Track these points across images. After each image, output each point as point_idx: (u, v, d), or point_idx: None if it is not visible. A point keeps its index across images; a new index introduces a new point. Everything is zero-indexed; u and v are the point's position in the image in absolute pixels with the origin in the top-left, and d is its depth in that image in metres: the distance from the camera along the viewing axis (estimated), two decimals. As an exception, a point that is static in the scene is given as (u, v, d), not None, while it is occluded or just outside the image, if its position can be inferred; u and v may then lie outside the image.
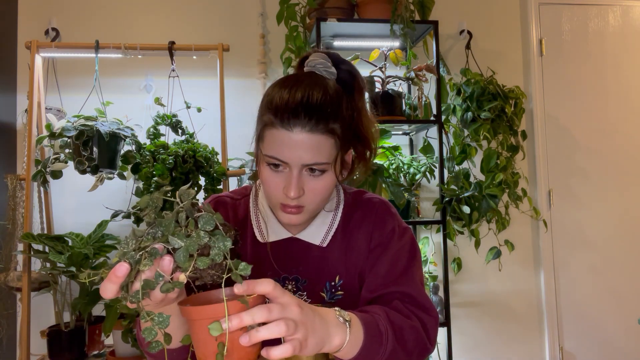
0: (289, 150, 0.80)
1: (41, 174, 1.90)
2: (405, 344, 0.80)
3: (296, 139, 0.79)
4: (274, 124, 0.80)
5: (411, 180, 2.41)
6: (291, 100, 0.79)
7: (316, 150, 0.80)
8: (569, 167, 2.78)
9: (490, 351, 2.66)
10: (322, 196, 0.86)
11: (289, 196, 0.82)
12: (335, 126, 0.81)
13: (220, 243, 0.60)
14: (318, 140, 0.80)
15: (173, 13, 2.55)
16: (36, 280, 1.94)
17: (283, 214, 0.86)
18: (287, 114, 0.79)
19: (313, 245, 0.95)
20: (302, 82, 0.83)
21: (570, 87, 2.81)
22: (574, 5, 2.85)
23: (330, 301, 0.95)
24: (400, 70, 2.49)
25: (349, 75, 0.89)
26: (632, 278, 2.79)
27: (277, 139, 0.80)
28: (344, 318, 0.71)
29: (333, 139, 0.82)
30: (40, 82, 2.05)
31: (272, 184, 0.84)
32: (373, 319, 0.76)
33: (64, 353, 1.89)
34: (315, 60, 0.88)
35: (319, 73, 0.87)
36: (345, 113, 0.84)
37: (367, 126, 0.91)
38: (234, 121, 2.35)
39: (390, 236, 0.94)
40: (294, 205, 0.84)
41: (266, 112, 0.83)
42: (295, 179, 0.81)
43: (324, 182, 0.84)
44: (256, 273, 0.96)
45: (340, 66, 0.89)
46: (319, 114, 0.79)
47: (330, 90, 0.83)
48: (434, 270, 2.47)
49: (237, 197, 1.01)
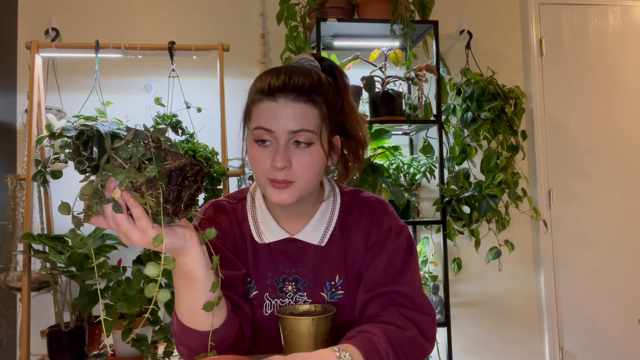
0: (274, 119, 0.84)
1: (41, 174, 1.90)
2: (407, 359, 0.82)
3: (281, 107, 0.84)
4: (260, 99, 0.86)
5: (411, 180, 2.41)
6: (275, 80, 0.85)
7: (301, 117, 0.84)
8: (569, 167, 2.78)
9: (490, 351, 2.66)
10: (311, 172, 0.86)
11: (276, 167, 0.83)
12: (319, 99, 0.86)
13: (154, 162, 0.63)
14: (302, 109, 0.84)
15: (173, 13, 2.55)
16: (36, 280, 1.94)
17: (273, 190, 0.86)
18: (272, 88, 0.84)
19: (312, 245, 0.95)
20: (283, 68, 0.89)
21: (570, 87, 2.81)
22: (574, 5, 2.85)
23: (331, 301, 0.95)
24: (400, 70, 2.49)
25: (330, 68, 0.94)
26: (632, 278, 2.78)
27: (263, 110, 0.85)
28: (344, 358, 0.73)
29: (317, 108, 0.86)
30: (40, 82, 2.05)
31: (260, 159, 0.86)
32: (373, 345, 0.78)
33: (64, 353, 1.88)
34: (299, 56, 0.95)
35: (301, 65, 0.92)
36: (328, 92, 0.89)
37: (355, 120, 0.95)
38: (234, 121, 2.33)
39: (387, 234, 0.95)
40: (282, 180, 0.84)
41: (252, 94, 0.89)
42: (282, 148, 0.84)
43: (311, 156, 0.86)
44: (256, 274, 0.96)
45: (322, 62, 0.94)
46: (302, 86, 0.85)
47: (312, 72, 0.89)
48: (434, 270, 2.47)
49: (234, 201, 1.01)
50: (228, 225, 0.97)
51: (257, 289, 0.96)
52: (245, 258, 0.96)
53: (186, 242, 0.70)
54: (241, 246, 0.96)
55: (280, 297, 0.95)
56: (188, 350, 0.83)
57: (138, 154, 0.63)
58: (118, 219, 0.65)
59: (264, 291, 0.95)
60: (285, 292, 0.96)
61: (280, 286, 0.96)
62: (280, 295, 0.95)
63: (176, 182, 0.65)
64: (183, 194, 0.66)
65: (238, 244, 0.96)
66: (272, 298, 0.95)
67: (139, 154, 0.63)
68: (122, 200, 0.64)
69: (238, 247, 0.96)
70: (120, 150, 0.63)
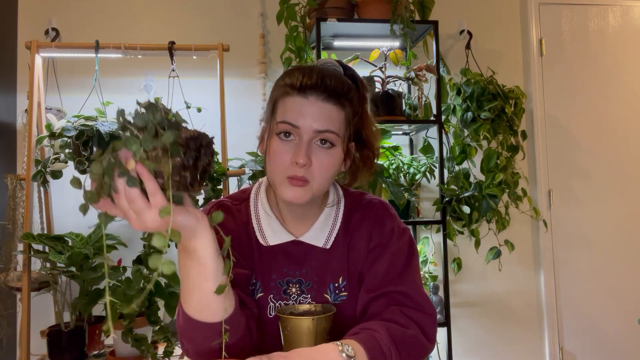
0: (302, 115, 0.84)
1: (41, 174, 1.90)
2: (408, 357, 0.82)
3: (310, 105, 0.84)
4: (290, 93, 0.86)
5: (411, 180, 2.41)
6: (307, 77, 0.85)
7: (328, 119, 0.85)
8: (569, 167, 2.78)
9: (490, 351, 2.66)
10: (328, 174, 0.87)
11: (298, 162, 0.83)
12: (346, 104, 0.87)
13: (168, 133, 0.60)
14: (330, 110, 0.85)
15: (173, 13, 2.55)
16: (36, 280, 1.94)
17: (288, 188, 0.86)
18: (304, 85, 0.85)
19: (316, 247, 0.96)
20: (315, 67, 0.89)
21: (570, 87, 2.81)
22: (574, 5, 2.85)
23: (335, 302, 0.95)
24: (400, 70, 2.49)
25: (352, 78, 0.94)
26: (632, 278, 2.78)
27: (292, 105, 0.85)
28: (347, 354, 0.73)
29: (344, 112, 0.87)
30: (40, 82, 2.05)
31: (280, 153, 0.85)
32: (375, 341, 0.78)
33: (64, 353, 1.88)
34: (323, 60, 0.95)
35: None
36: (354, 99, 0.90)
37: (370, 130, 0.96)
38: (234, 121, 2.35)
39: (389, 236, 0.95)
40: (300, 177, 0.84)
41: (282, 88, 0.88)
42: (305, 144, 0.84)
43: (331, 158, 0.86)
44: (260, 276, 0.96)
45: (346, 70, 0.95)
46: (334, 88, 0.86)
47: (343, 78, 0.90)
48: (434, 270, 2.47)
49: (236, 202, 1.00)
50: (234, 226, 0.96)
51: (262, 291, 0.96)
52: (251, 260, 0.96)
53: (198, 223, 0.67)
54: (247, 247, 0.96)
55: (284, 299, 0.95)
56: (194, 345, 0.80)
57: (155, 121, 0.60)
58: (132, 194, 0.59)
59: (268, 293, 0.95)
60: (289, 294, 0.96)
61: (284, 288, 0.96)
62: (284, 297, 0.95)
63: (194, 149, 0.62)
64: (199, 164, 0.64)
65: (244, 245, 0.96)
66: (276, 300, 0.95)
67: (155, 120, 0.60)
68: (135, 173, 0.59)
69: (244, 248, 0.96)
70: (137, 118, 0.60)
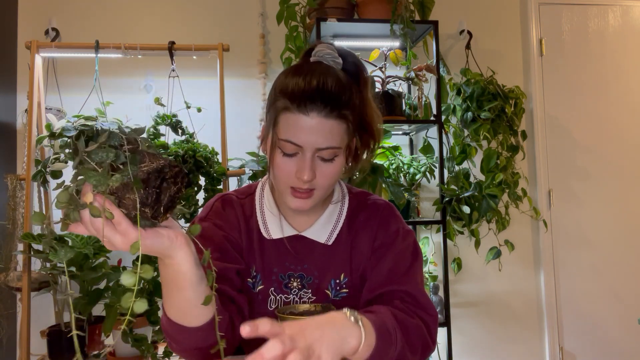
0: (304, 134, 0.83)
1: (41, 174, 1.90)
2: (412, 343, 0.81)
3: (312, 123, 0.82)
4: (289, 108, 0.83)
5: (411, 180, 2.41)
6: (307, 86, 0.83)
7: (329, 135, 0.83)
8: (569, 167, 2.78)
9: (490, 351, 2.66)
10: (331, 181, 0.88)
11: (302, 179, 0.84)
12: (347, 112, 0.85)
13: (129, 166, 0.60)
14: (332, 125, 0.83)
15: (173, 13, 2.54)
16: (36, 280, 1.94)
17: (293, 198, 0.87)
18: (303, 99, 0.82)
19: (318, 243, 0.96)
20: (314, 70, 0.86)
21: (570, 87, 2.81)
22: (574, 5, 2.85)
23: (335, 299, 0.96)
24: (400, 70, 2.48)
25: (354, 67, 0.92)
26: (632, 278, 2.78)
27: (293, 122, 0.83)
28: (355, 317, 0.70)
29: (346, 124, 0.85)
30: (40, 82, 2.05)
31: (284, 168, 0.86)
32: (381, 319, 0.76)
33: (64, 353, 1.88)
34: (322, 50, 0.91)
35: (326, 63, 0.90)
36: (355, 101, 0.88)
37: (371, 115, 0.94)
38: (234, 121, 2.35)
39: (394, 237, 0.96)
40: (305, 190, 0.86)
41: (281, 97, 0.85)
42: (308, 161, 0.84)
43: (334, 167, 0.87)
44: (262, 269, 0.96)
45: (346, 58, 0.92)
46: (334, 100, 0.83)
47: (342, 79, 0.87)
48: (434, 270, 2.47)
49: (242, 196, 1.02)
50: (234, 219, 0.97)
51: (262, 284, 0.96)
52: (252, 252, 0.97)
53: (171, 243, 0.66)
54: (247, 241, 0.97)
55: (285, 292, 0.96)
56: (178, 344, 0.80)
57: (108, 160, 0.60)
58: (97, 224, 0.61)
59: (269, 286, 0.96)
60: (290, 288, 0.96)
61: (286, 282, 0.96)
62: (285, 291, 0.96)
63: (154, 185, 0.62)
64: (162, 197, 0.63)
65: (243, 239, 0.97)
66: (277, 293, 0.96)
67: (108, 159, 0.60)
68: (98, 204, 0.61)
69: (242, 242, 0.96)
70: (93, 154, 0.60)
